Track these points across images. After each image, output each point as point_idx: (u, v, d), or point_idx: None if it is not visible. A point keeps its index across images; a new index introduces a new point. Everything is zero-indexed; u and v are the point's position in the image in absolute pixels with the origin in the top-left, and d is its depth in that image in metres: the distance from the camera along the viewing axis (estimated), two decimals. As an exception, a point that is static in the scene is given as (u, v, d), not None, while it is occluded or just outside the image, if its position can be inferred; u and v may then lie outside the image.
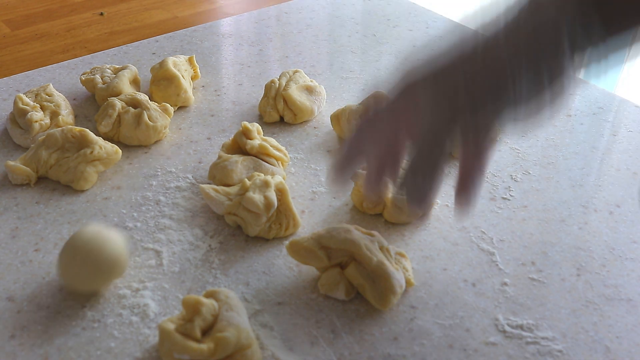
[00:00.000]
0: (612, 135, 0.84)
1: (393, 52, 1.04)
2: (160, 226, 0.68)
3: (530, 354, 0.55)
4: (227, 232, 0.67)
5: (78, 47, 1.09)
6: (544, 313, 0.59)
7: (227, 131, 0.84)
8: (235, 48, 1.06)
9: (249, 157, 0.72)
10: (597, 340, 0.56)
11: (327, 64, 1.01)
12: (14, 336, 0.56)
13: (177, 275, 0.62)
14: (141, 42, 1.07)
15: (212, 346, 0.51)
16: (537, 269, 0.63)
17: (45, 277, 0.62)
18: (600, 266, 0.64)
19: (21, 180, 0.73)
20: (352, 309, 0.59)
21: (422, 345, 0.56)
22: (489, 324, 0.58)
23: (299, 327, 0.57)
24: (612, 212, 0.71)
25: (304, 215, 0.70)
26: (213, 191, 0.67)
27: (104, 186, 0.74)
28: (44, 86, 0.85)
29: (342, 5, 1.22)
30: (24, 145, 0.80)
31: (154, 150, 0.80)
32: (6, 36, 1.12)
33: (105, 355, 0.54)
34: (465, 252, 0.65)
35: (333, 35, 1.11)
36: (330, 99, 0.91)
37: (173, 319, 0.53)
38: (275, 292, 0.61)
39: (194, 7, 1.25)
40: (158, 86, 0.87)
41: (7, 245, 0.66)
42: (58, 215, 0.70)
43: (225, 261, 0.64)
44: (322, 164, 0.78)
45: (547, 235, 0.67)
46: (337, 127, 0.81)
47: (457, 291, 0.61)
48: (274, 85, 0.86)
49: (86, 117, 0.87)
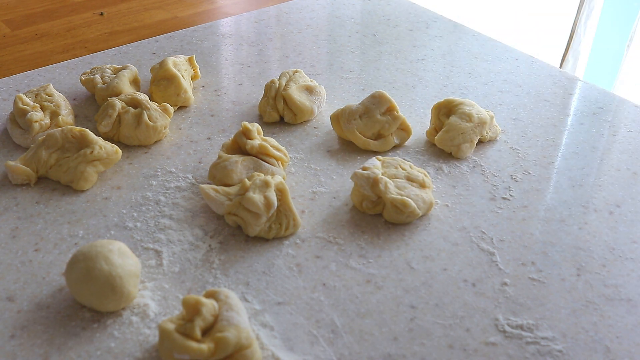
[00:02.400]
0: (612, 135, 0.84)
1: (393, 52, 1.04)
2: (160, 226, 0.68)
3: (530, 354, 0.55)
4: (227, 232, 0.67)
5: (78, 47, 1.09)
6: (544, 313, 0.59)
7: (227, 131, 0.84)
8: (235, 48, 1.06)
9: (249, 157, 0.72)
10: (597, 340, 0.56)
11: (327, 64, 1.01)
12: (14, 336, 0.56)
13: (177, 275, 0.62)
14: (141, 42, 1.07)
15: (212, 346, 0.51)
16: (537, 269, 0.63)
17: (45, 277, 0.62)
18: (600, 266, 0.64)
19: (21, 180, 0.73)
20: (352, 309, 0.59)
21: (422, 345, 0.56)
22: (489, 324, 0.58)
23: (299, 327, 0.57)
24: (612, 212, 0.71)
25: (304, 215, 0.70)
26: (213, 191, 0.67)
27: (104, 186, 0.74)
28: (44, 86, 0.85)
29: (342, 5, 1.22)
30: (24, 145, 0.80)
31: (154, 150, 0.80)
32: (6, 36, 1.12)
33: (105, 355, 0.54)
34: (465, 252, 0.65)
35: (333, 35, 1.11)
36: (330, 99, 0.91)
37: (173, 319, 0.53)
38: (275, 292, 0.61)
39: (194, 7, 1.25)
40: (158, 86, 0.87)
41: (7, 245, 0.66)
42: (58, 215, 0.70)
43: (225, 261, 0.64)
44: (322, 164, 0.78)
45: (547, 235, 0.67)
46: (337, 127, 0.81)
47: (457, 291, 0.61)
48: (274, 85, 0.86)
49: (86, 117, 0.87)
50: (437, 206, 0.71)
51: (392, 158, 0.73)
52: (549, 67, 0.99)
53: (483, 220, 0.69)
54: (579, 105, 0.90)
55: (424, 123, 0.85)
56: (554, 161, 0.78)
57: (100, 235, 0.67)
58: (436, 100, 0.85)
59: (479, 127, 0.78)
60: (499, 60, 1.01)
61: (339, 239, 0.66)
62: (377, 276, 0.62)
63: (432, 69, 0.99)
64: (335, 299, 0.60)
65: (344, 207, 0.71)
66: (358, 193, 0.69)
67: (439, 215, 0.70)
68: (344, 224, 0.69)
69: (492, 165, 0.77)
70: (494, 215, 0.70)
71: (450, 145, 0.78)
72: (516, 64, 1.00)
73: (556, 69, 0.99)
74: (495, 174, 0.76)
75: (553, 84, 0.95)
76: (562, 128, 0.85)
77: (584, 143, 0.82)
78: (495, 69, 0.99)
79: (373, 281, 0.62)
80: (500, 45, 1.06)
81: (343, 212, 0.70)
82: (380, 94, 0.80)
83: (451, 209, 0.70)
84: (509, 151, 0.80)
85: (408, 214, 0.67)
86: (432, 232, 0.68)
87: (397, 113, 0.80)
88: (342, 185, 0.74)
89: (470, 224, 0.68)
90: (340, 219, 0.69)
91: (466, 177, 0.75)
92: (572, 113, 0.88)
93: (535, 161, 0.78)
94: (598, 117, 0.87)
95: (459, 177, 0.75)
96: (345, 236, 0.67)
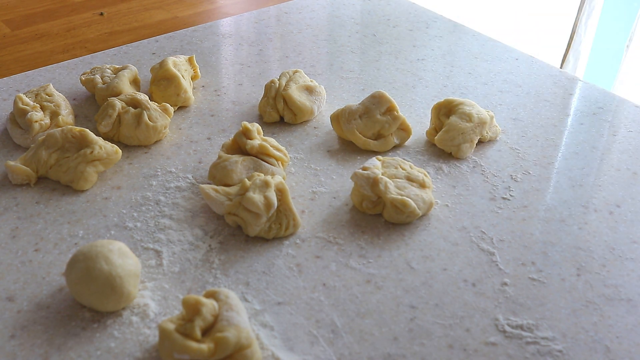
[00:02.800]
0: (612, 135, 0.84)
1: (393, 52, 1.04)
2: (160, 226, 0.68)
3: (530, 354, 0.55)
4: (227, 232, 0.67)
5: (78, 47, 1.09)
6: (544, 313, 0.59)
7: (227, 131, 0.84)
8: (235, 48, 1.06)
9: (249, 157, 0.72)
10: (597, 340, 0.56)
11: (326, 64, 1.01)
12: (14, 336, 0.56)
13: (177, 275, 0.62)
14: (141, 42, 1.07)
15: (212, 346, 0.51)
16: (537, 269, 0.63)
17: (45, 277, 0.62)
18: (600, 266, 0.64)
19: (21, 180, 0.73)
20: (352, 309, 0.59)
21: (422, 345, 0.56)
22: (489, 324, 0.58)
23: (299, 327, 0.57)
24: (612, 212, 0.71)
25: (304, 215, 0.70)
26: (213, 191, 0.67)
27: (104, 186, 0.74)
28: (44, 86, 0.85)
29: (342, 5, 1.22)
30: (24, 145, 0.80)
31: (154, 150, 0.80)
32: (6, 36, 1.12)
33: (105, 355, 0.54)
34: (465, 252, 0.65)
35: (333, 35, 1.11)
36: (330, 99, 0.91)
37: (173, 319, 0.53)
38: (275, 292, 0.61)
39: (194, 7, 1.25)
40: (158, 86, 0.87)
41: (7, 245, 0.66)
42: (58, 215, 0.70)
43: (225, 261, 0.64)
44: (322, 164, 0.78)
45: (547, 235, 0.67)
46: (337, 127, 0.81)
47: (457, 291, 0.61)
48: (274, 85, 0.86)
49: (86, 117, 0.87)
50: (437, 206, 0.71)
51: (392, 158, 0.73)
52: (549, 67, 0.99)
53: (483, 220, 0.69)
54: (579, 105, 0.90)
55: (424, 123, 0.85)
56: (554, 161, 0.78)
57: (100, 235, 0.67)
58: (436, 100, 0.85)
59: (479, 127, 0.78)
60: (499, 60, 1.01)
61: (339, 239, 0.66)
62: (377, 276, 0.62)
63: (432, 69, 0.99)
64: (335, 299, 0.60)
65: (344, 207, 0.71)
66: (358, 193, 0.69)
67: (439, 215, 0.70)
68: (344, 224, 0.69)
69: (492, 165, 0.77)
70: (494, 215, 0.70)
71: (450, 145, 0.78)
72: (516, 64, 1.00)
73: (556, 69, 0.99)
74: (495, 174, 0.76)
75: (553, 84, 0.95)
76: (562, 128, 0.85)
77: (584, 143, 0.82)
78: (495, 69, 0.99)
79: (373, 281, 0.62)
80: (500, 45, 1.06)
81: (343, 212, 0.70)
82: (380, 94, 0.80)
83: (451, 209, 0.70)
84: (509, 151, 0.80)
85: (408, 214, 0.67)
86: (432, 232, 0.68)
87: (397, 113, 0.80)
88: (342, 185, 0.74)
89: (470, 224, 0.68)
90: (340, 219, 0.69)
91: (466, 177, 0.75)
92: (572, 113, 0.88)
93: (535, 161, 0.78)
94: (598, 117, 0.87)
95: (459, 177, 0.75)
96: (345, 236, 0.67)
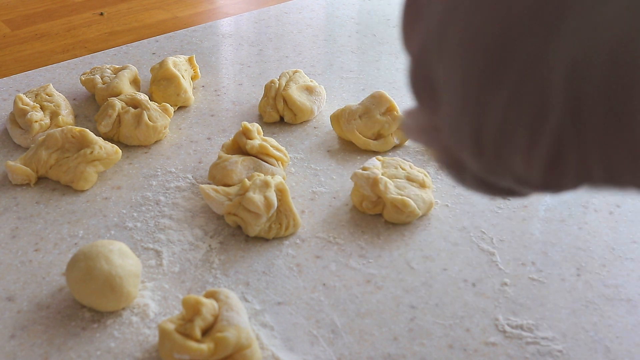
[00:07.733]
0: (612, 135, 0.83)
1: (393, 52, 1.04)
2: (160, 226, 0.68)
3: (530, 354, 0.55)
4: (227, 232, 0.67)
5: (78, 47, 1.09)
6: (544, 313, 0.59)
7: (227, 131, 0.84)
8: (235, 48, 1.06)
9: (249, 157, 0.72)
10: (597, 340, 0.56)
11: (326, 64, 1.01)
12: (14, 336, 0.56)
13: (177, 275, 0.62)
14: (141, 42, 1.07)
15: (212, 346, 0.51)
16: (537, 269, 0.63)
17: (45, 277, 0.62)
18: (600, 266, 0.64)
19: (21, 180, 0.73)
20: (352, 309, 0.59)
21: (422, 345, 0.56)
22: (489, 324, 0.58)
23: (299, 327, 0.57)
24: (612, 212, 0.71)
25: (304, 215, 0.70)
26: (213, 191, 0.67)
27: (104, 186, 0.74)
28: (44, 86, 0.85)
29: (342, 5, 1.22)
30: (24, 145, 0.80)
31: (154, 150, 0.80)
32: (6, 36, 1.12)
33: (105, 355, 0.54)
34: (465, 252, 0.65)
35: (333, 35, 1.11)
36: (330, 99, 0.91)
37: (173, 319, 0.53)
38: (275, 292, 0.61)
39: (194, 7, 1.25)
40: (158, 86, 0.87)
41: (7, 245, 0.66)
42: (58, 215, 0.70)
43: (225, 261, 0.64)
44: (322, 164, 0.78)
45: (547, 235, 0.67)
46: (337, 127, 0.81)
47: (457, 291, 0.61)
48: (274, 85, 0.86)
49: (86, 117, 0.87)
50: (437, 206, 0.71)
51: (392, 158, 0.73)
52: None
53: (483, 220, 0.69)
54: (579, 105, 0.90)
55: (424, 123, 0.85)
56: (554, 161, 0.78)
57: (100, 235, 0.67)
58: (436, 100, 0.85)
59: (479, 127, 0.78)
60: (499, 60, 1.01)
61: (339, 239, 0.66)
62: (377, 276, 0.62)
63: (432, 69, 0.99)
64: (335, 299, 0.60)
65: (344, 207, 0.71)
66: (358, 193, 0.69)
67: (439, 215, 0.70)
68: (344, 224, 0.69)
69: (492, 165, 0.77)
70: (494, 215, 0.70)
71: (450, 145, 0.78)
72: (516, 64, 1.00)
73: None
74: (495, 174, 0.76)
75: (553, 84, 0.94)
76: (562, 128, 0.85)
77: (584, 143, 0.82)
78: (495, 69, 0.99)
79: (373, 281, 0.62)
80: (500, 45, 1.06)
81: (343, 212, 0.70)
82: (380, 94, 0.80)
83: (451, 209, 0.70)
84: (509, 151, 0.80)
85: (408, 214, 0.67)
86: (432, 232, 0.68)
87: (397, 113, 0.80)
88: (342, 185, 0.74)
89: (470, 224, 0.68)
90: (340, 219, 0.69)
91: (466, 177, 0.75)
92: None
93: (535, 161, 0.78)
94: (598, 117, 0.87)
95: (459, 177, 0.75)
96: (345, 236, 0.67)
